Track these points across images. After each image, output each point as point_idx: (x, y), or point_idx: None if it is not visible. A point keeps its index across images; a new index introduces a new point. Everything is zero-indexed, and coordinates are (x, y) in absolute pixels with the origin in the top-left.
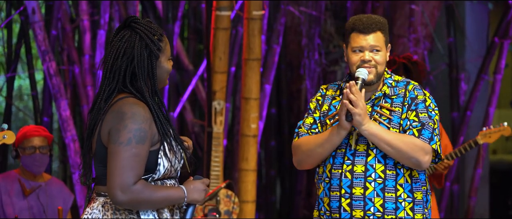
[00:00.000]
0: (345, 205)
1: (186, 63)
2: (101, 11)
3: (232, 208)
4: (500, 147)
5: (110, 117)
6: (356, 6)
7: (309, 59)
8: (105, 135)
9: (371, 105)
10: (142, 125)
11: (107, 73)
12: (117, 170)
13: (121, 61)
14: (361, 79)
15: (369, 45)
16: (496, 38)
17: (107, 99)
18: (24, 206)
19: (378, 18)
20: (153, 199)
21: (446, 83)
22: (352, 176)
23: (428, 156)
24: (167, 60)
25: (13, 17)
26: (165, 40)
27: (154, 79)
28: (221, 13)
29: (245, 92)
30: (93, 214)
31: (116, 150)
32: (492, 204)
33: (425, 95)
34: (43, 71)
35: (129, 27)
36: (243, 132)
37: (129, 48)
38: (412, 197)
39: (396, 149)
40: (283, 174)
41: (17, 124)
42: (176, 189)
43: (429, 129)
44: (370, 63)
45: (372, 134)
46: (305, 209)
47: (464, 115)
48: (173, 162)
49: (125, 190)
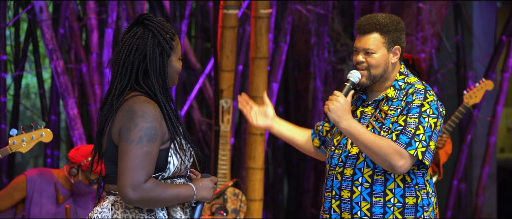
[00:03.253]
0: (335, 207)
1: (193, 62)
2: (109, 10)
3: (239, 207)
4: (507, 146)
5: (121, 115)
6: (364, 5)
7: (319, 58)
8: (116, 133)
9: (374, 108)
10: (152, 124)
11: (119, 69)
12: (128, 169)
13: (134, 58)
14: (351, 82)
15: (362, 47)
16: (504, 36)
17: (119, 96)
18: (51, 211)
19: (379, 18)
20: (163, 197)
21: (454, 82)
22: (341, 179)
23: (403, 161)
24: (177, 60)
25: (20, 16)
26: (177, 40)
27: (165, 77)
28: (229, 12)
29: (253, 90)
30: (103, 212)
31: (127, 149)
32: (499, 202)
33: (426, 99)
34: (51, 69)
35: (142, 24)
36: (251, 130)
37: (141, 44)
38: (403, 202)
39: (371, 150)
40: (291, 172)
41: (24, 122)
42: (186, 187)
43: (408, 134)
44: (361, 65)
45: (348, 133)
46: (312, 208)
47: (472, 114)
48: (183, 161)
49: (136, 188)
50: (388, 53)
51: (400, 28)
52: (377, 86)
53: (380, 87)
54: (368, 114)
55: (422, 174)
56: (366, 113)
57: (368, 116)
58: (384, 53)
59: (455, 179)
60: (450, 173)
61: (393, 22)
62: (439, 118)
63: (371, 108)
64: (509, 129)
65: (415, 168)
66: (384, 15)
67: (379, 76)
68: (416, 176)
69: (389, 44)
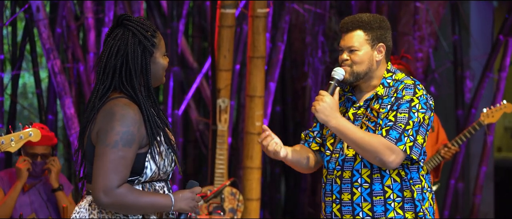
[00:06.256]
0: (336, 211)
1: (190, 61)
2: (106, 9)
3: (236, 206)
4: (505, 145)
5: (101, 117)
6: (361, 4)
7: (313, 57)
8: (94, 134)
9: (365, 107)
10: (130, 128)
11: (102, 72)
12: (102, 172)
13: (115, 59)
14: (336, 80)
15: (346, 45)
16: (501, 35)
17: (102, 98)
18: (25, 202)
19: (363, 17)
20: (137, 204)
21: (451, 81)
22: (340, 182)
23: (394, 156)
24: (162, 56)
25: (18, 15)
26: (159, 36)
27: (148, 76)
28: (226, 11)
29: (250, 90)
30: (81, 212)
31: (102, 152)
32: (497, 201)
33: (415, 94)
34: (48, 69)
35: (121, 25)
36: (248, 130)
37: (122, 45)
38: (402, 196)
39: (361, 147)
40: (288, 172)
41: (21, 122)
42: (164, 196)
43: (398, 129)
44: (345, 63)
45: (338, 132)
46: (309, 207)
47: (469, 113)
48: (160, 166)
49: (108, 192)
50: (372, 50)
51: (384, 26)
52: (364, 86)
53: (368, 86)
54: (361, 115)
55: (417, 169)
56: (358, 115)
57: (360, 117)
58: (368, 50)
59: (452, 179)
60: (447, 172)
61: (376, 20)
62: (428, 112)
63: (363, 109)
64: (506, 129)
65: (409, 163)
66: (368, 14)
67: (363, 73)
68: (410, 171)
69: (373, 41)
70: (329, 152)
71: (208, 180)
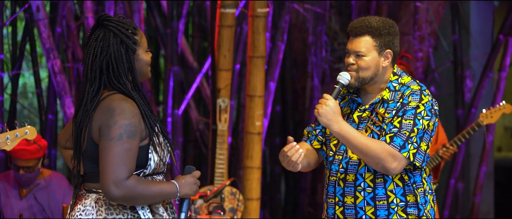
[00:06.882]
0: (339, 213)
1: (190, 61)
2: (106, 9)
3: (236, 206)
4: (505, 145)
5: (99, 114)
6: (361, 4)
7: (316, 57)
8: (96, 132)
9: (371, 111)
10: (131, 120)
11: (89, 74)
12: (110, 166)
13: (100, 60)
14: (340, 84)
15: (353, 50)
16: (501, 35)
17: (94, 98)
18: (24, 207)
19: (372, 21)
20: (147, 194)
21: (451, 81)
22: (344, 185)
23: (396, 163)
24: (144, 52)
25: (18, 15)
26: (140, 33)
27: (134, 73)
28: (226, 11)
29: (250, 89)
30: (87, 211)
31: (107, 146)
32: (497, 201)
33: (421, 101)
34: (48, 68)
35: (102, 26)
36: (248, 129)
37: (105, 46)
38: (405, 201)
39: (363, 152)
40: (288, 171)
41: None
42: (169, 184)
43: (402, 137)
44: (351, 67)
45: (340, 136)
46: (310, 207)
47: (469, 113)
48: (162, 156)
49: (119, 185)
50: (379, 56)
51: (393, 32)
52: (370, 88)
53: (374, 89)
54: (366, 118)
55: (420, 173)
56: (364, 118)
57: (366, 121)
58: (375, 56)
59: (452, 178)
60: (448, 172)
61: (385, 25)
62: (433, 118)
63: (369, 112)
64: (506, 128)
65: (412, 168)
66: (378, 18)
67: (368, 78)
68: (414, 175)
69: (381, 48)
70: (332, 153)
71: (208, 180)
